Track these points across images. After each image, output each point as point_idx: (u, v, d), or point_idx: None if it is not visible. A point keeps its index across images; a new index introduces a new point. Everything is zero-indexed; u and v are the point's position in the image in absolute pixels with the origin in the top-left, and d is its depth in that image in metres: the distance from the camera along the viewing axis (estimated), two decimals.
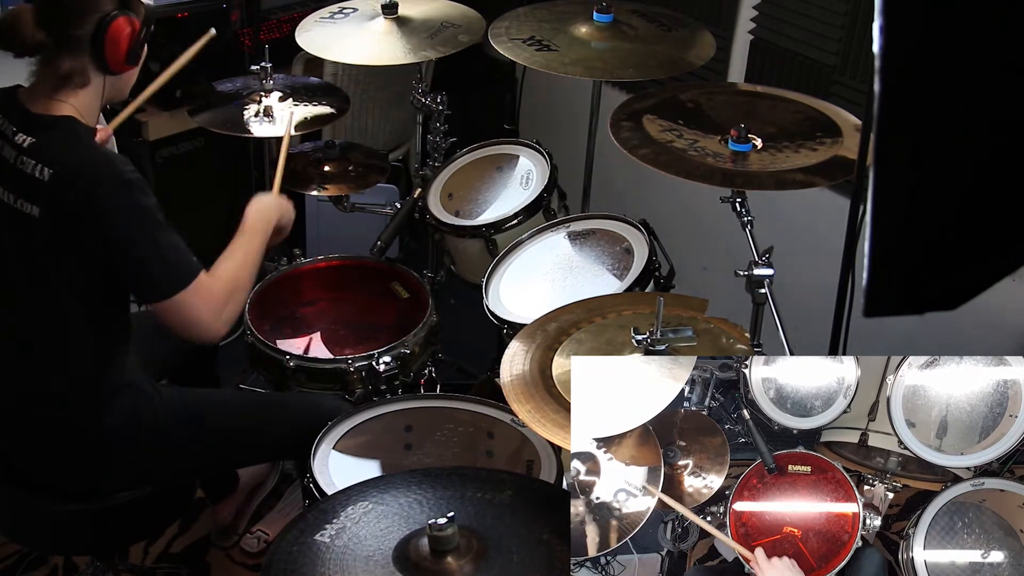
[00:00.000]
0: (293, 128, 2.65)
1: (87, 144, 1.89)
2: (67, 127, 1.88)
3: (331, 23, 2.79)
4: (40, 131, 1.86)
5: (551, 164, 2.60)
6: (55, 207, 1.83)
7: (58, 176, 1.82)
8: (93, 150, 1.89)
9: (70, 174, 1.82)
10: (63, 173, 1.82)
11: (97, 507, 2.05)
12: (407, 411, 2.13)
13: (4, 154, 1.87)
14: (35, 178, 1.83)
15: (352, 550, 1.45)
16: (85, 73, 1.89)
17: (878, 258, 0.72)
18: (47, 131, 1.86)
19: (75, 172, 1.83)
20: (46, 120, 1.88)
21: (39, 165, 1.83)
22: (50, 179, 1.82)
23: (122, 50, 1.89)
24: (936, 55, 0.68)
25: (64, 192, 1.82)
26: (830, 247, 2.21)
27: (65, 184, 1.82)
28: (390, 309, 2.61)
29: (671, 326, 1.73)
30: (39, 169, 1.83)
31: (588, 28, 2.61)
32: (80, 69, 1.88)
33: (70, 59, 1.87)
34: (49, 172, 1.82)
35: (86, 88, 1.90)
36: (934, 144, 0.70)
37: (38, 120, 1.88)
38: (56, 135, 1.87)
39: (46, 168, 1.82)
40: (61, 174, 1.82)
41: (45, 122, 1.87)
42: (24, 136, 1.86)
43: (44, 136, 1.86)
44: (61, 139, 1.87)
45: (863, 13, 2.76)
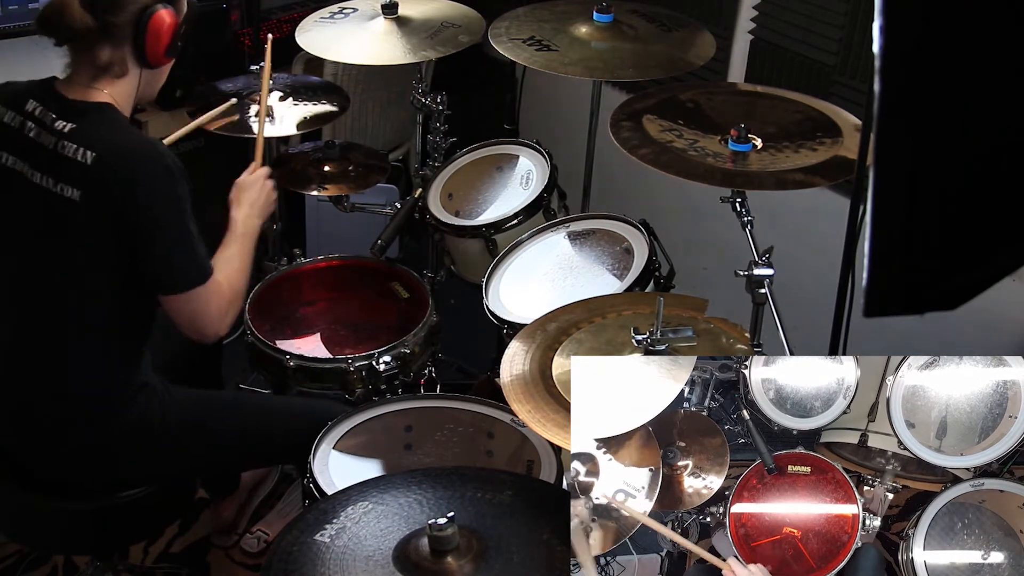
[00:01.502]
0: (295, 127, 2.66)
1: (128, 129, 1.94)
2: (107, 112, 1.91)
3: (331, 23, 2.79)
4: (80, 117, 1.89)
5: (551, 164, 2.60)
6: (97, 189, 1.85)
7: (102, 158, 1.84)
8: (135, 134, 1.94)
9: (114, 156, 1.85)
10: (107, 155, 1.85)
11: (97, 507, 2.05)
12: (407, 411, 2.13)
13: (42, 141, 1.89)
14: (77, 162, 1.85)
15: (352, 550, 1.45)
16: (124, 63, 1.92)
17: (878, 258, 0.72)
18: (87, 116, 1.89)
19: (119, 154, 1.86)
20: (85, 106, 1.90)
21: (81, 148, 1.85)
22: (93, 162, 1.84)
23: (162, 43, 1.92)
24: (936, 55, 0.68)
25: (107, 174, 1.84)
26: (830, 247, 2.21)
27: (109, 166, 1.84)
28: (390, 309, 2.61)
29: (671, 326, 1.73)
30: (81, 152, 1.85)
31: (588, 28, 2.61)
32: (120, 59, 1.91)
33: (111, 48, 1.90)
34: (92, 155, 1.84)
35: (123, 79, 1.93)
36: (934, 144, 0.70)
37: (77, 106, 1.90)
38: (96, 119, 1.90)
39: (89, 151, 1.85)
40: (105, 156, 1.85)
41: (84, 108, 1.90)
42: (64, 122, 1.88)
43: (84, 121, 1.88)
44: (102, 123, 1.90)
45: (863, 13, 2.76)
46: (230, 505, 2.65)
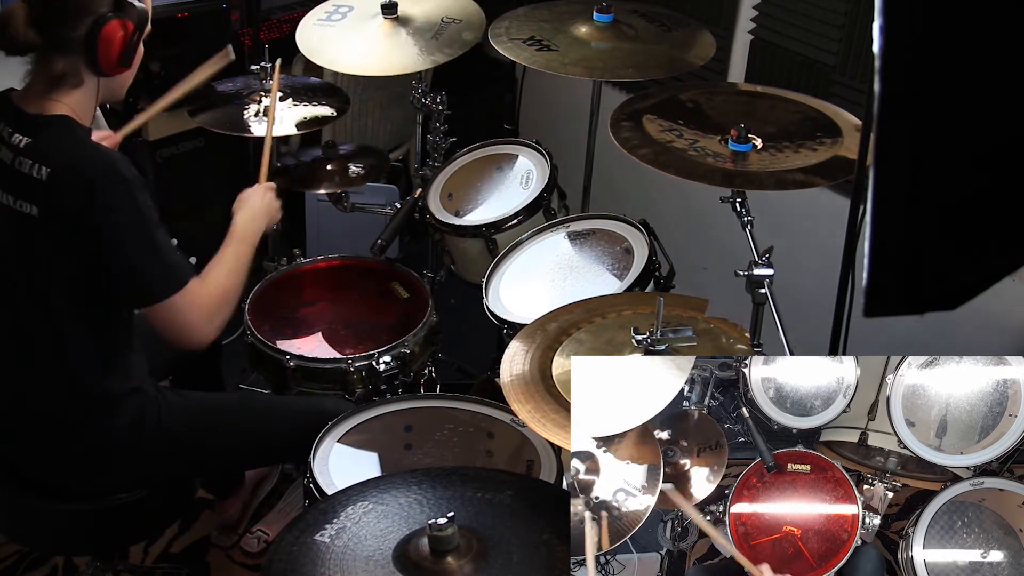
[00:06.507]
0: (295, 127, 2.66)
1: (84, 142, 1.89)
2: (63, 126, 1.88)
3: (329, 25, 2.77)
4: (36, 131, 1.86)
5: (551, 164, 2.60)
6: (54, 206, 1.82)
7: (56, 174, 1.82)
8: (90, 148, 1.89)
9: (68, 172, 1.82)
10: (61, 171, 1.82)
11: (97, 507, 2.05)
12: (407, 411, 2.13)
13: (1, 156, 1.87)
14: (33, 178, 1.82)
15: (352, 550, 1.45)
16: (78, 74, 1.88)
17: (878, 258, 0.72)
18: (43, 130, 1.86)
19: (73, 170, 1.82)
20: (41, 120, 1.87)
21: (36, 164, 1.83)
22: (48, 178, 1.82)
23: (115, 53, 1.88)
24: (936, 55, 0.68)
25: (62, 190, 1.82)
26: (830, 247, 2.21)
27: (63, 182, 1.82)
28: (390, 309, 2.61)
29: (671, 326, 1.73)
30: (37, 168, 1.82)
31: (588, 28, 2.61)
32: (73, 70, 1.87)
33: (63, 59, 1.86)
34: (47, 171, 1.82)
35: (80, 88, 1.89)
36: (934, 144, 0.70)
37: (33, 120, 1.87)
38: (52, 134, 1.86)
39: (43, 167, 1.82)
40: (59, 172, 1.82)
41: (40, 122, 1.87)
42: (20, 136, 1.85)
43: (40, 135, 1.85)
44: (57, 138, 1.86)
45: (863, 13, 2.76)
46: (234, 504, 2.65)
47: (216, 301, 1.95)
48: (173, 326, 1.91)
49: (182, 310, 1.89)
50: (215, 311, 1.94)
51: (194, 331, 1.92)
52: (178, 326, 1.91)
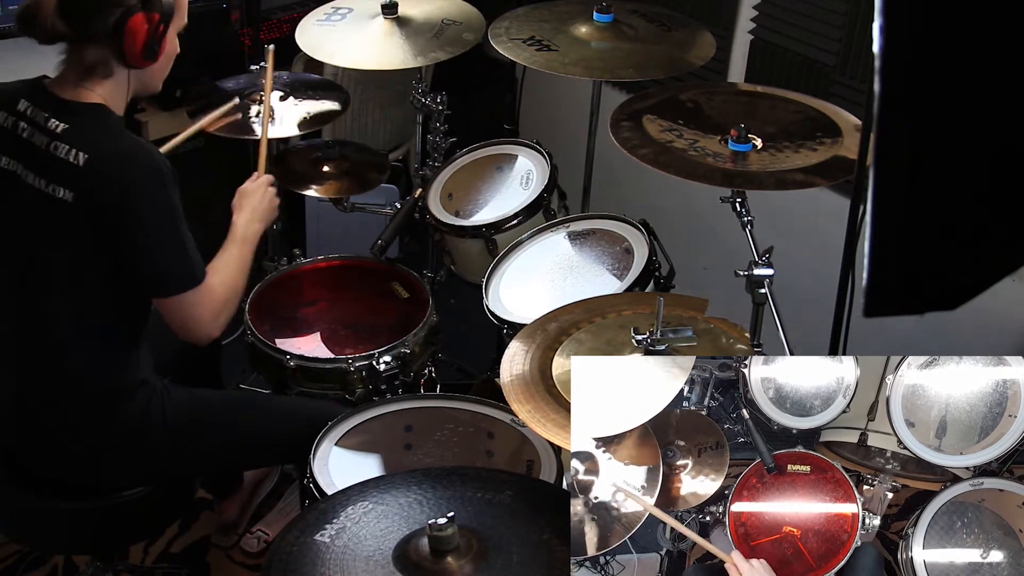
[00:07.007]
0: (296, 127, 2.66)
1: (120, 130, 1.92)
2: (99, 114, 1.90)
3: (329, 25, 2.78)
4: (72, 117, 1.88)
5: (551, 164, 2.60)
6: (88, 191, 1.84)
7: (93, 161, 1.84)
8: (127, 136, 1.92)
9: (105, 159, 1.84)
10: (98, 157, 1.84)
11: (97, 507, 2.05)
12: (407, 411, 2.13)
13: (35, 141, 1.88)
14: (69, 163, 1.84)
15: (352, 550, 1.45)
16: (108, 65, 1.90)
17: (878, 258, 0.72)
18: (79, 117, 1.88)
19: (110, 157, 1.85)
20: (77, 107, 1.89)
21: (73, 150, 1.84)
22: (85, 164, 1.84)
23: (139, 45, 1.89)
24: (936, 55, 0.68)
25: (98, 177, 1.84)
26: (830, 247, 2.21)
27: (100, 169, 1.84)
28: (390, 309, 2.61)
29: (671, 326, 1.73)
30: (73, 154, 1.84)
31: (588, 28, 2.61)
32: (103, 60, 1.89)
33: (93, 50, 1.88)
34: (84, 157, 1.84)
35: (110, 79, 1.91)
36: (934, 144, 0.70)
37: (69, 106, 1.89)
38: (89, 121, 1.89)
39: (81, 153, 1.84)
40: (96, 159, 1.84)
41: (77, 108, 1.89)
42: (57, 122, 1.87)
43: (77, 122, 1.88)
44: (94, 125, 1.89)
45: (863, 13, 2.76)
46: (233, 504, 2.65)
47: (223, 299, 1.99)
48: (184, 319, 1.95)
49: (194, 305, 1.93)
50: (222, 309, 1.99)
51: (202, 327, 1.97)
52: (188, 320, 1.95)
